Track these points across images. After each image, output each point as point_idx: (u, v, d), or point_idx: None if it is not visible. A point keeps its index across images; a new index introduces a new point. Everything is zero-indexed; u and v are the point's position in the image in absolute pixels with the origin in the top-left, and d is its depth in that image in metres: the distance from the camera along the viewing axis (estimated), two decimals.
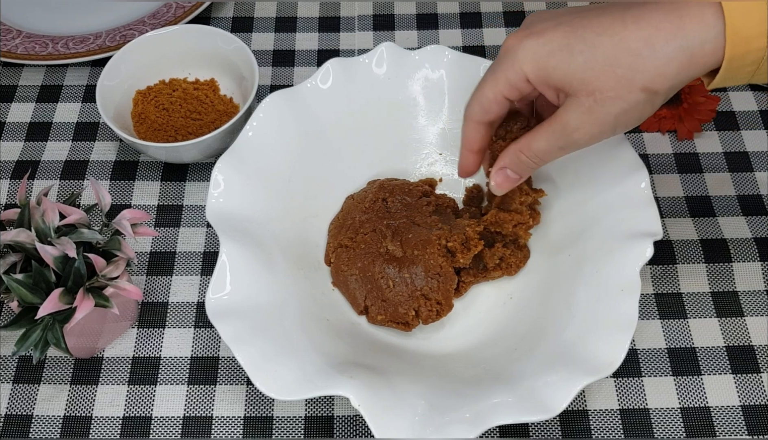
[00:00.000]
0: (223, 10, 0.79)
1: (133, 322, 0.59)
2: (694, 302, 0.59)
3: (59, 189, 0.66)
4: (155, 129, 0.67)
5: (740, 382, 0.55)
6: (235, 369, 0.57)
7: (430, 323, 0.55)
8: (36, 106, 0.72)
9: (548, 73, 0.44)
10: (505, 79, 0.46)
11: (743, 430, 0.53)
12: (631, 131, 0.68)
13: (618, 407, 0.54)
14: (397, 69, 0.62)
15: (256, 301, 0.51)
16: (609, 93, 0.43)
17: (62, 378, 0.56)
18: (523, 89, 0.46)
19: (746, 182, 0.65)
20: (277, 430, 0.54)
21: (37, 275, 0.49)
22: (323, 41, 0.77)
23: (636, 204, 0.53)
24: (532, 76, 0.45)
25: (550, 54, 0.44)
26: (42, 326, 0.50)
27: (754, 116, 0.69)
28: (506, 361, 0.51)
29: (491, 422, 0.45)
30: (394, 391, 0.47)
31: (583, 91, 0.43)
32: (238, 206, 0.55)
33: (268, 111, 0.58)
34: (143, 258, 0.62)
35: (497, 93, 0.47)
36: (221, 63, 0.69)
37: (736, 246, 0.61)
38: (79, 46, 0.73)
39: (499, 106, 0.48)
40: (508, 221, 0.55)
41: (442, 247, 0.56)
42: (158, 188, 0.66)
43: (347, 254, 0.57)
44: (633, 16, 0.42)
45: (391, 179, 0.62)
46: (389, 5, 0.79)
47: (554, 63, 0.44)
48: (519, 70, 0.45)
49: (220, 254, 0.52)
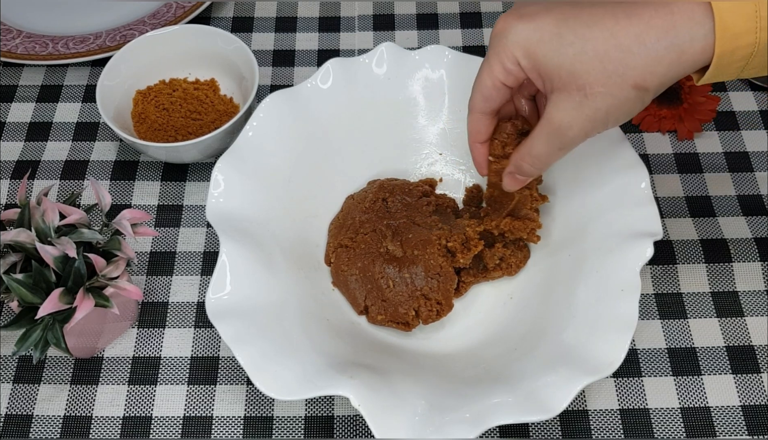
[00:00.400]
0: (223, 10, 0.79)
1: (133, 322, 0.59)
2: (694, 302, 0.59)
3: (59, 189, 0.66)
4: (155, 129, 0.67)
5: (740, 382, 0.55)
6: (235, 369, 0.57)
7: (430, 323, 0.55)
8: (36, 106, 0.72)
9: (538, 61, 0.44)
10: (499, 63, 0.46)
11: (743, 430, 0.53)
12: (631, 131, 0.68)
13: (618, 407, 0.54)
14: (397, 69, 0.62)
15: (256, 301, 0.51)
16: (599, 88, 0.42)
17: (62, 378, 0.56)
18: (518, 74, 0.46)
19: (746, 182, 0.65)
20: (277, 430, 0.54)
21: (37, 275, 0.49)
22: (323, 41, 0.77)
23: (636, 204, 0.53)
24: (523, 62, 0.45)
25: (540, 41, 0.43)
26: (42, 326, 0.50)
27: (754, 116, 0.69)
28: (506, 361, 0.51)
29: (491, 422, 0.45)
30: (394, 391, 0.47)
31: (573, 85, 0.43)
32: (238, 206, 0.55)
33: (268, 111, 0.58)
34: (143, 258, 0.62)
35: (494, 79, 0.47)
36: (221, 63, 0.69)
37: (736, 246, 0.61)
38: (79, 46, 0.73)
39: (499, 93, 0.48)
40: (523, 229, 0.55)
41: (442, 247, 0.56)
42: (158, 188, 0.66)
43: (347, 254, 0.57)
44: (624, 12, 0.42)
45: (391, 179, 0.62)
46: (389, 5, 0.79)
47: (544, 51, 0.43)
48: (511, 54, 0.45)
49: (220, 254, 0.52)
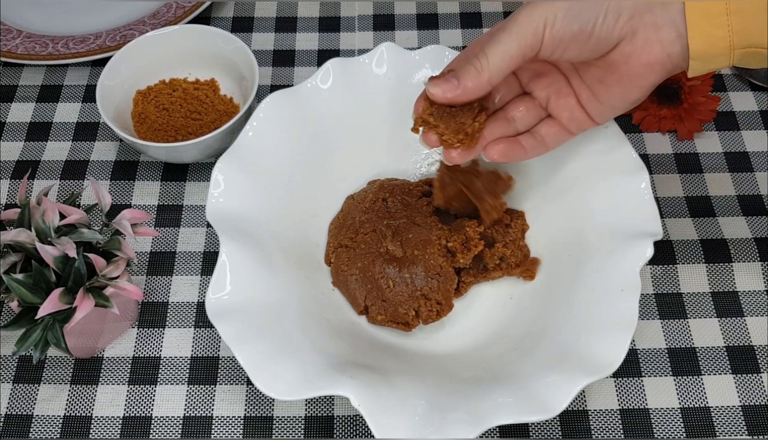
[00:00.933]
0: (223, 10, 0.79)
1: (133, 322, 0.59)
2: (694, 302, 0.59)
3: (59, 189, 0.66)
4: (155, 129, 0.67)
5: (740, 382, 0.55)
6: (235, 369, 0.57)
7: (430, 324, 0.55)
8: (36, 106, 0.72)
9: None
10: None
11: (743, 430, 0.53)
12: (631, 131, 0.68)
13: (618, 407, 0.54)
14: (397, 69, 0.61)
15: (256, 301, 0.51)
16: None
17: (62, 378, 0.56)
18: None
19: (746, 182, 0.65)
20: (277, 430, 0.54)
21: (37, 275, 0.49)
22: (323, 41, 0.77)
23: (636, 204, 0.53)
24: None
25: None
26: (42, 326, 0.50)
27: (754, 116, 0.69)
28: (506, 361, 0.51)
29: (491, 422, 0.45)
30: (394, 391, 0.47)
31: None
32: (238, 206, 0.55)
33: (268, 111, 0.58)
34: (143, 258, 0.62)
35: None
36: (221, 63, 0.69)
37: (736, 246, 0.61)
38: (79, 46, 0.73)
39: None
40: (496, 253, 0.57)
41: (442, 247, 0.56)
42: (158, 188, 0.66)
43: (347, 254, 0.57)
44: None
45: (391, 179, 0.62)
46: (389, 5, 0.79)
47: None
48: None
49: (220, 254, 0.52)
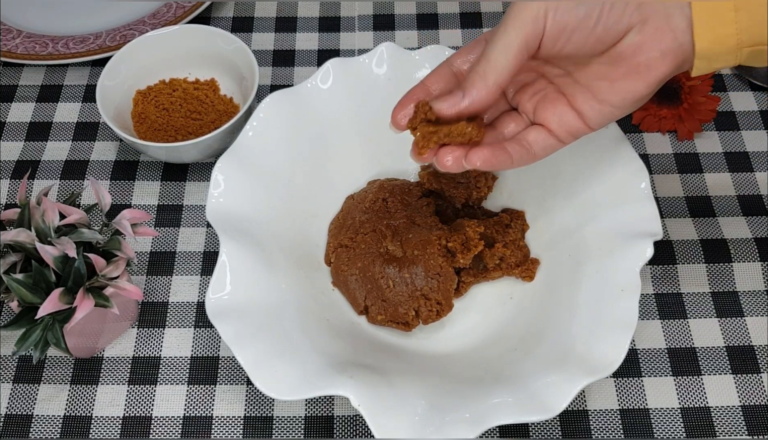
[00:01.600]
0: (223, 10, 0.79)
1: (133, 322, 0.59)
2: (694, 302, 0.59)
3: (59, 189, 0.66)
4: (155, 129, 0.67)
5: (740, 382, 0.55)
6: (235, 369, 0.57)
7: (430, 324, 0.55)
8: (36, 106, 0.72)
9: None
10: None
11: (743, 430, 0.53)
12: (631, 131, 0.68)
13: (618, 407, 0.54)
14: (397, 69, 0.61)
15: (256, 301, 0.51)
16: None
17: (62, 378, 0.56)
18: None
19: (746, 182, 0.65)
20: (277, 430, 0.54)
21: (37, 275, 0.49)
22: (323, 41, 0.77)
23: (636, 204, 0.53)
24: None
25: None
26: (42, 326, 0.50)
27: (754, 116, 0.69)
28: (506, 361, 0.51)
29: (491, 422, 0.45)
30: (394, 391, 0.47)
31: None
32: (238, 206, 0.55)
33: (268, 111, 0.58)
34: (143, 258, 0.62)
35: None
36: (221, 63, 0.69)
37: (736, 246, 0.61)
38: (79, 46, 0.73)
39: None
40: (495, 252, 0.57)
41: (442, 247, 0.56)
42: (158, 188, 0.66)
43: (347, 254, 0.57)
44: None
45: (391, 179, 0.62)
46: (389, 5, 0.79)
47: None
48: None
49: (220, 254, 0.52)
